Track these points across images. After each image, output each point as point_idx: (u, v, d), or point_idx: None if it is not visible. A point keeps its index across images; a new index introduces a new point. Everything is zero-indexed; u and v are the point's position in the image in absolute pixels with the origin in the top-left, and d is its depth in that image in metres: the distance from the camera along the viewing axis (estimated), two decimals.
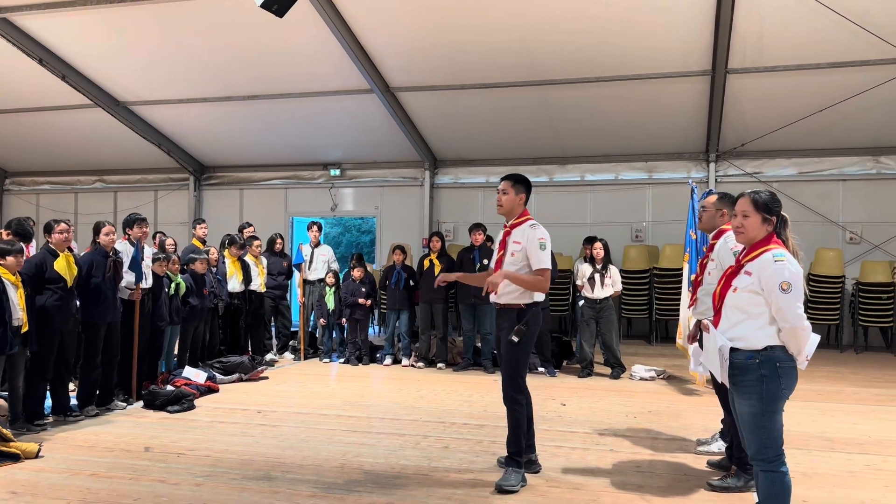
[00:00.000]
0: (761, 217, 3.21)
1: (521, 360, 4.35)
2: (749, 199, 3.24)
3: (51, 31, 10.08)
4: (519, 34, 9.22)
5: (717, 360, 3.20)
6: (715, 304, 3.33)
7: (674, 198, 11.85)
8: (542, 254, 4.29)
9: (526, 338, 4.30)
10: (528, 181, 4.52)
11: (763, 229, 3.21)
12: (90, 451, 4.96)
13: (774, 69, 9.46)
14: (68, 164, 14.33)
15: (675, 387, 7.54)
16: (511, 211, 4.46)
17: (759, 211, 3.21)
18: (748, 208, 3.23)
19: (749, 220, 3.22)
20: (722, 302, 3.28)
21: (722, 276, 3.37)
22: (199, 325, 7.69)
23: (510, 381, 4.33)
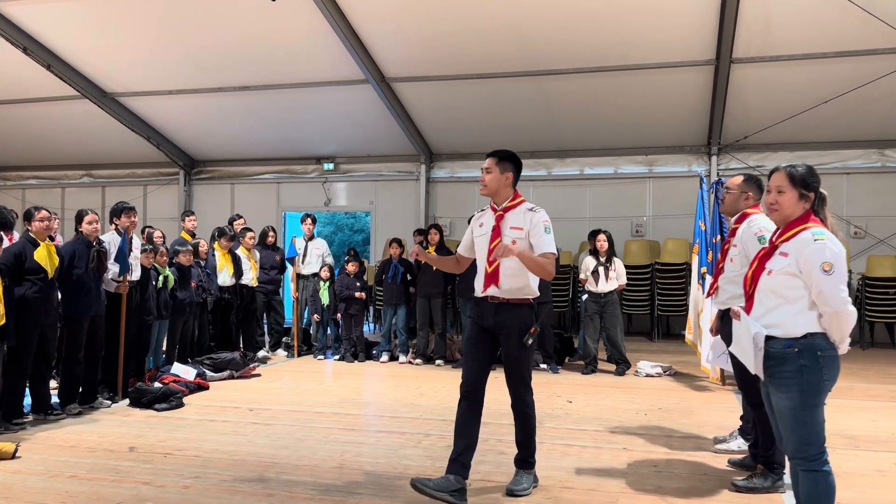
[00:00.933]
0: (798, 193, 2.94)
1: (531, 361, 4.03)
2: (785, 174, 2.98)
3: (35, 19, 9.76)
4: (517, 23, 8.97)
5: (751, 350, 2.94)
6: (746, 289, 3.07)
7: (675, 192, 11.64)
8: (547, 237, 3.82)
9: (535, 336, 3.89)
10: (516, 158, 3.95)
11: (799, 206, 2.95)
12: (71, 452, 4.66)
13: (780, 58, 9.24)
14: (55, 158, 13.98)
15: (683, 383, 7.28)
16: (497, 192, 3.91)
17: (796, 186, 2.95)
18: (784, 183, 2.97)
19: (784, 197, 2.96)
20: (755, 286, 3.02)
21: (754, 258, 3.11)
22: (187, 320, 7.39)
23: (522, 385, 3.92)
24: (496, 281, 3.82)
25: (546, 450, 4.71)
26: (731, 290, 4.13)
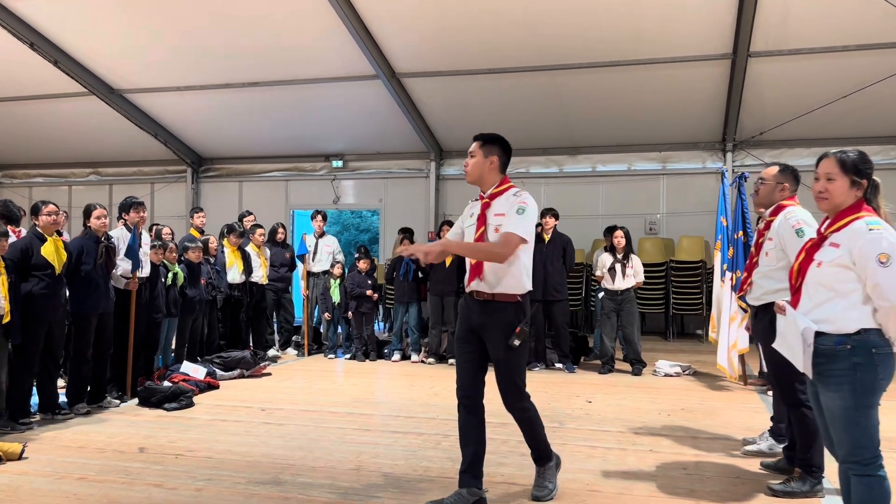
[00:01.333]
0: (849, 180, 2.77)
1: (522, 365, 3.58)
2: (835, 160, 2.81)
3: (43, 14, 9.63)
4: (530, 17, 8.79)
5: (799, 347, 2.77)
6: (793, 283, 2.90)
7: (689, 189, 11.48)
8: (517, 218, 3.40)
9: (526, 336, 3.51)
10: (502, 141, 3.60)
11: (851, 194, 2.78)
12: (79, 453, 4.52)
13: (799, 52, 9.04)
14: (62, 155, 13.87)
15: (703, 383, 7.11)
16: (481, 179, 3.57)
17: (848, 173, 2.77)
18: (834, 170, 2.80)
19: (835, 185, 2.79)
20: (802, 279, 2.85)
21: (800, 249, 2.94)
22: (197, 318, 7.25)
23: (513, 390, 3.54)
24: (480, 273, 3.50)
25: (570, 451, 4.55)
26: (766, 285, 3.96)
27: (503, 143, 3.62)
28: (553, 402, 6.03)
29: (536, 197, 12.34)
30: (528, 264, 3.55)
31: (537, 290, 7.83)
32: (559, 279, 7.84)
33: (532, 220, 3.45)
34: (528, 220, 3.43)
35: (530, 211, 3.44)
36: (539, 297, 7.85)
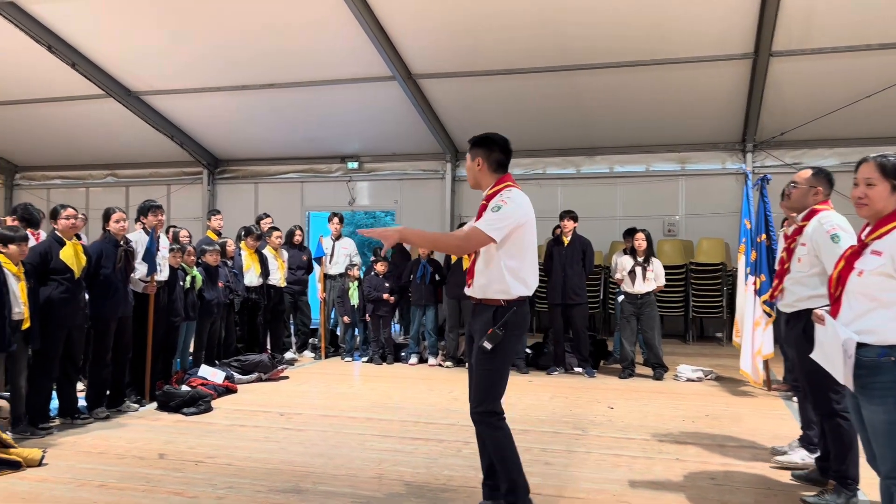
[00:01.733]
0: (890, 185, 2.68)
1: (495, 375, 3.33)
2: (875, 164, 2.72)
3: (60, 16, 9.63)
4: (547, 16, 8.69)
5: (839, 358, 2.68)
6: (832, 292, 2.81)
7: (708, 190, 11.34)
8: (490, 215, 3.27)
9: (504, 346, 3.29)
10: (486, 140, 3.45)
11: (893, 200, 2.68)
12: (99, 459, 4.49)
13: (822, 51, 8.89)
14: (79, 157, 13.92)
15: (726, 388, 7.00)
16: (477, 182, 3.50)
17: (888, 177, 2.68)
18: (874, 175, 2.71)
19: (875, 190, 2.70)
20: (842, 288, 2.76)
21: (840, 257, 2.85)
22: (215, 321, 7.22)
23: (480, 398, 3.34)
24: (471, 277, 3.44)
25: (595, 460, 4.48)
26: (798, 291, 3.85)
27: (486, 142, 3.45)
28: (574, 409, 5.94)
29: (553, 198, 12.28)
30: (516, 265, 3.31)
31: (556, 294, 7.79)
32: (578, 282, 7.75)
33: (507, 218, 3.25)
34: (502, 217, 3.24)
35: (506, 210, 3.25)
36: (558, 300, 7.78)
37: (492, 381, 3.33)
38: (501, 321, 3.28)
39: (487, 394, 3.34)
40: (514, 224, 3.27)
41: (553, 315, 7.93)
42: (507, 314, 3.30)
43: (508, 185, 3.41)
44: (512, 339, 3.33)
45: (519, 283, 3.32)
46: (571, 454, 4.63)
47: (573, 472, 4.27)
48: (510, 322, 3.30)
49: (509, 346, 3.33)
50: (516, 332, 3.35)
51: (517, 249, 3.32)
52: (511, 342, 3.34)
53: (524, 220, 3.32)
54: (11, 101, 11.87)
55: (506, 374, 3.39)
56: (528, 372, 7.86)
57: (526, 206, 3.37)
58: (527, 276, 3.36)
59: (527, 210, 3.36)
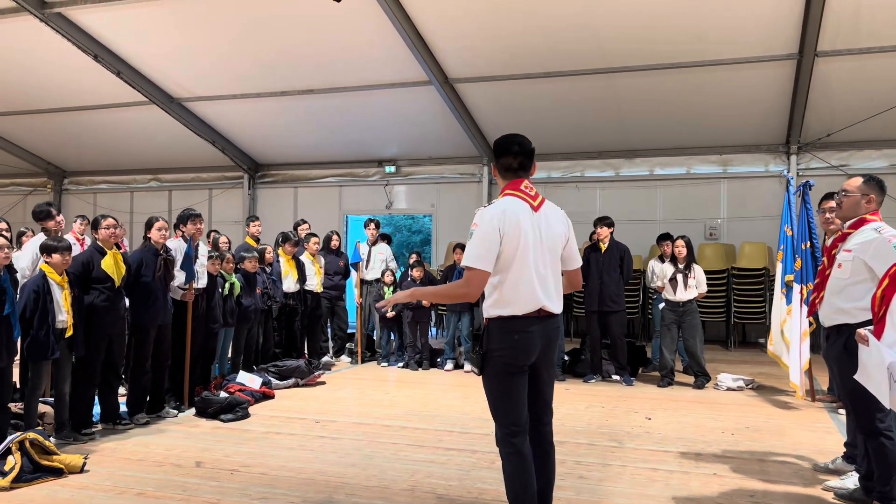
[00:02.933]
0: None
1: (494, 397, 3.08)
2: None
3: (105, 27, 9.88)
4: (585, 18, 8.60)
5: (884, 381, 2.59)
6: (875, 310, 2.72)
7: (751, 193, 11.12)
8: (468, 245, 3.01)
9: (489, 367, 3.05)
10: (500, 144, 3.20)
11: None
12: (138, 466, 4.57)
13: (870, 51, 8.63)
14: (124, 162, 14.27)
15: (767, 398, 6.83)
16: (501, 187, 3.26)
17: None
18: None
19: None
20: (886, 308, 2.67)
21: (884, 275, 2.75)
22: (252, 327, 7.31)
23: (494, 419, 3.12)
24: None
25: (630, 474, 4.41)
26: (836, 302, 3.70)
27: (494, 147, 3.23)
28: (611, 419, 5.86)
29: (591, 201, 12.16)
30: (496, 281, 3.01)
31: (593, 301, 7.70)
32: (616, 290, 7.64)
33: (483, 241, 2.96)
34: (476, 244, 2.96)
35: (477, 233, 2.97)
36: (595, 307, 7.69)
37: (493, 405, 3.11)
38: (480, 341, 3.13)
39: (495, 417, 3.12)
40: (494, 243, 2.97)
41: (589, 322, 7.84)
42: (488, 336, 3.08)
43: (505, 193, 3.13)
44: (495, 360, 3.03)
45: (501, 302, 3.03)
46: (606, 468, 4.56)
47: (608, 486, 4.21)
48: (489, 346, 3.05)
49: (495, 367, 3.04)
50: (498, 353, 3.02)
51: (509, 263, 3.01)
52: (495, 364, 3.03)
53: (504, 233, 2.98)
54: (60, 108, 12.23)
55: (506, 394, 3.05)
56: (564, 379, 7.78)
57: (505, 216, 3.00)
58: (510, 294, 3.01)
59: (507, 219, 3.00)
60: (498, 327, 3.04)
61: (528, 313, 3.02)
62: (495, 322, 3.06)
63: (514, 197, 3.10)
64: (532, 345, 3.04)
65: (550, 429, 3.25)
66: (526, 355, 3.04)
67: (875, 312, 2.72)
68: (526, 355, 3.04)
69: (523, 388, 3.09)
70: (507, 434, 3.05)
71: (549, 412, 3.24)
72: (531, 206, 3.10)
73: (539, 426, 3.19)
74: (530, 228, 3.05)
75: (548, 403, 3.23)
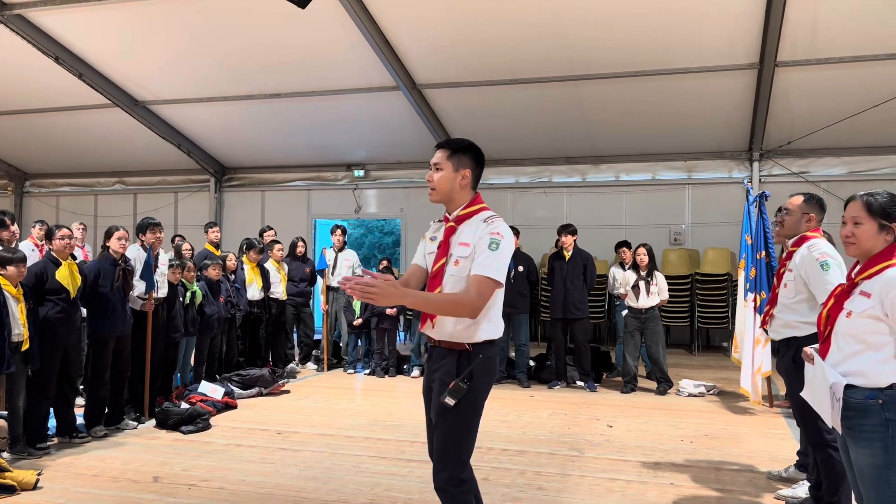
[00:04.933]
0: (877, 224, 2.64)
1: (461, 434, 2.75)
2: (862, 203, 2.68)
3: (67, 28, 9.71)
4: (552, 26, 8.66)
5: (827, 400, 2.64)
6: (821, 330, 2.77)
7: (715, 199, 11.28)
8: (490, 255, 2.68)
9: (470, 400, 2.72)
10: (474, 150, 2.90)
11: (881, 239, 2.64)
12: (94, 482, 4.50)
13: (828, 61, 8.81)
14: (87, 165, 14.03)
15: (727, 404, 6.94)
16: (450, 197, 2.87)
17: (875, 216, 2.65)
18: (860, 214, 2.67)
19: (862, 229, 2.66)
20: (831, 328, 2.72)
21: (829, 295, 2.81)
22: (215, 336, 7.24)
23: (444, 462, 2.76)
24: (432, 315, 2.80)
25: (588, 485, 4.45)
26: (785, 318, 3.83)
27: (476, 153, 2.90)
28: (573, 427, 5.90)
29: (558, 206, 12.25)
30: (499, 302, 2.82)
31: (557, 308, 7.76)
32: (580, 297, 7.70)
33: (507, 255, 2.73)
34: (504, 256, 2.71)
35: (505, 245, 2.71)
36: (559, 314, 7.75)
37: (457, 441, 2.75)
38: (466, 371, 2.72)
39: (451, 457, 2.75)
40: (509, 259, 2.79)
41: (554, 329, 7.90)
42: (474, 362, 2.74)
43: (483, 207, 2.88)
44: (479, 391, 2.75)
45: (490, 324, 2.79)
46: (566, 478, 4.60)
47: (566, 497, 4.24)
48: (477, 372, 2.74)
49: (477, 398, 2.75)
50: (484, 382, 2.78)
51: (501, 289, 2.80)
52: (478, 395, 2.75)
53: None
54: (20, 110, 11.99)
55: (474, 430, 2.78)
56: (529, 385, 7.83)
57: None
58: (497, 315, 2.83)
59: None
60: (484, 352, 2.78)
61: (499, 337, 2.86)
62: (482, 347, 2.77)
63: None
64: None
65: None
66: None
67: (821, 332, 2.77)
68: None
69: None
70: (463, 474, 2.76)
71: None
72: None
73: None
74: None
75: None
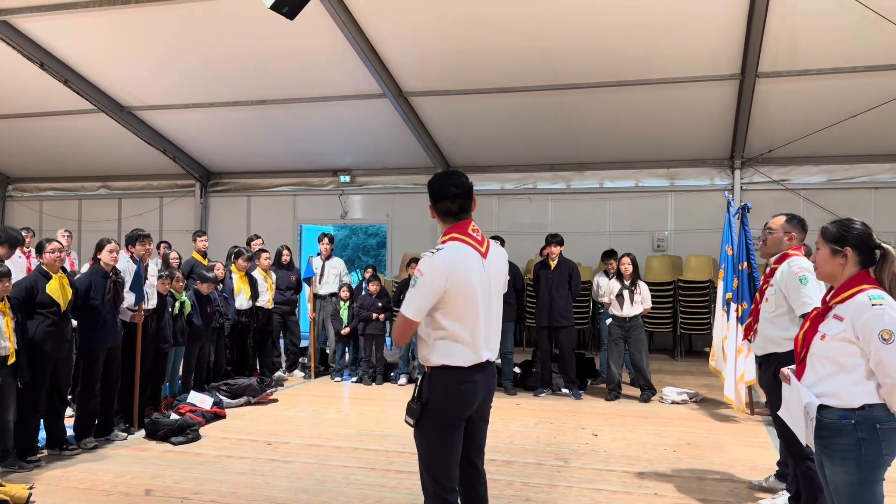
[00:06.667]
0: (829, 249, 2.83)
1: (432, 452, 2.91)
2: (820, 231, 2.91)
3: (52, 34, 9.69)
4: (538, 37, 8.78)
5: (801, 419, 2.76)
6: (797, 351, 2.89)
7: (697, 206, 11.45)
8: (408, 292, 2.91)
9: (430, 420, 2.88)
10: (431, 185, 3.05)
11: (836, 264, 2.81)
12: (85, 495, 4.54)
13: (807, 73, 8.99)
14: (72, 169, 13.97)
15: (709, 412, 7.08)
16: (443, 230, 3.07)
17: (827, 242, 2.85)
18: (819, 240, 2.90)
19: (819, 254, 2.89)
20: (806, 350, 2.83)
21: (805, 318, 2.93)
22: (203, 346, 7.28)
23: (424, 478, 2.96)
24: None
25: (575, 495, 4.55)
26: (767, 332, 3.98)
27: (431, 187, 3.05)
28: (559, 436, 6.01)
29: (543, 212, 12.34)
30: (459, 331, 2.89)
31: (543, 316, 7.87)
32: (565, 305, 7.82)
33: (423, 292, 2.85)
34: (417, 294, 2.85)
35: (422, 281, 2.84)
36: (545, 323, 7.86)
37: (427, 460, 2.94)
38: (415, 392, 2.95)
39: (425, 475, 2.95)
40: (436, 295, 2.86)
41: (540, 337, 8.00)
42: (429, 385, 2.91)
43: (452, 237, 2.97)
44: (435, 413, 2.88)
45: (439, 351, 2.90)
46: (552, 488, 4.69)
47: None
48: (432, 395, 2.89)
49: (434, 421, 2.88)
50: (441, 405, 2.88)
51: (456, 313, 2.90)
52: (436, 417, 2.88)
53: (452, 283, 2.87)
54: (4, 115, 11.92)
55: (443, 450, 2.91)
56: (515, 393, 7.93)
57: (456, 264, 2.89)
58: (457, 345, 2.90)
59: (456, 269, 2.88)
60: (441, 377, 2.90)
61: (472, 365, 2.93)
62: (439, 371, 2.90)
63: (461, 243, 2.95)
64: (476, 395, 2.96)
65: (484, 472, 3.16)
66: (469, 407, 2.95)
67: (797, 353, 2.89)
68: (469, 407, 2.95)
69: (459, 442, 2.97)
70: (439, 490, 2.91)
71: (482, 455, 3.16)
72: (480, 254, 2.99)
73: (474, 471, 3.11)
74: (478, 279, 2.95)
75: (482, 448, 3.16)
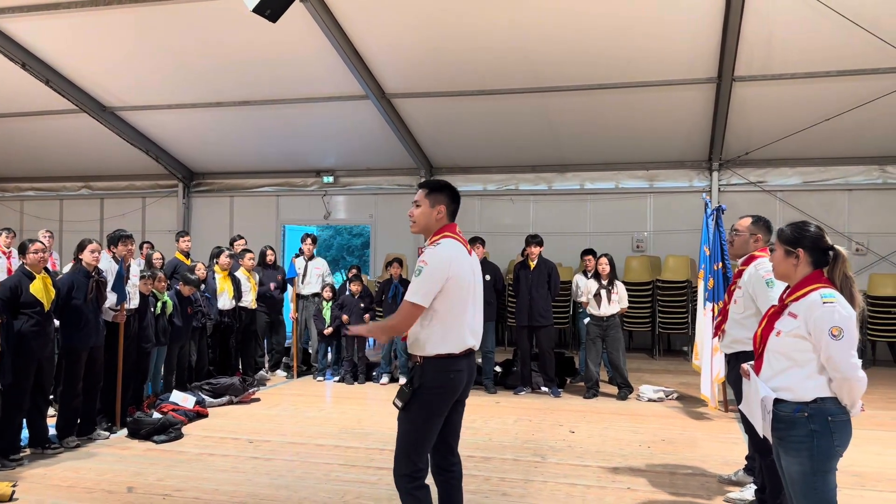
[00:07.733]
0: (783, 250, 2.98)
1: (411, 435, 3.19)
2: (777, 232, 3.07)
3: (34, 34, 9.71)
4: (519, 41, 8.91)
5: (759, 412, 2.90)
6: (756, 348, 3.03)
7: (676, 207, 11.63)
8: (415, 281, 3.12)
9: (417, 406, 3.16)
10: (449, 189, 3.33)
11: (789, 264, 2.96)
12: (68, 493, 4.60)
13: (782, 77, 9.19)
14: (53, 169, 13.94)
15: (685, 409, 7.24)
16: (427, 229, 3.30)
17: (782, 244, 2.99)
18: (776, 241, 3.06)
19: (775, 255, 3.05)
20: (763, 346, 2.97)
21: (763, 316, 3.06)
22: (185, 345, 7.33)
23: (398, 457, 3.25)
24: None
25: (550, 490, 4.67)
26: (735, 333, 4.11)
27: (451, 192, 3.34)
28: (537, 433, 6.13)
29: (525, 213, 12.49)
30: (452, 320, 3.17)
31: (523, 316, 7.99)
32: (544, 305, 7.95)
33: (430, 279, 3.10)
34: (425, 281, 3.10)
35: (428, 270, 3.09)
36: (525, 322, 7.98)
37: (406, 442, 3.20)
38: (409, 378, 3.24)
39: (400, 455, 3.22)
40: (439, 282, 3.12)
41: (520, 336, 8.13)
42: (422, 375, 3.17)
43: (446, 234, 3.25)
44: (428, 399, 3.15)
45: (437, 340, 3.16)
46: (529, 483, 4.81)
47: (528, 503, 4.45)
48: (426, 382, 3.15)
49: (425, 405, 3.15)
50: (433, 392, 3.16)
51: (451, 301, 3.17)
52: (428, 402, 3.15)
53: (452, 273, 3.14)
54: None
55: (428, 433, 3.21)
56: (495, 392, 8.05)
57: (455, 257, 3.17)
58: (451, 333, 3.18)
59: (455, 261, 3.17)
60: (435, 365, 3.16)
61: (461, 352, 3.20)
62: (432, 360, 3.16)
63: (455, 240, 3.25)
64: (462, 381, 3.23)
65: (458, 455, 3.44)
66: (456, 393, 3.23)
67: (756, 349, 3.03)
68: (456, 393, 3.23)
69: (439, 428, 3.25)
70: (413, 471, 3.18)
71: (457, 438, 3.43)
72: (467, 251, 3.32)
73: (450, 454, 3.39)
74: (469, 271, 3.26)
75: (458, 430, 3.43)
